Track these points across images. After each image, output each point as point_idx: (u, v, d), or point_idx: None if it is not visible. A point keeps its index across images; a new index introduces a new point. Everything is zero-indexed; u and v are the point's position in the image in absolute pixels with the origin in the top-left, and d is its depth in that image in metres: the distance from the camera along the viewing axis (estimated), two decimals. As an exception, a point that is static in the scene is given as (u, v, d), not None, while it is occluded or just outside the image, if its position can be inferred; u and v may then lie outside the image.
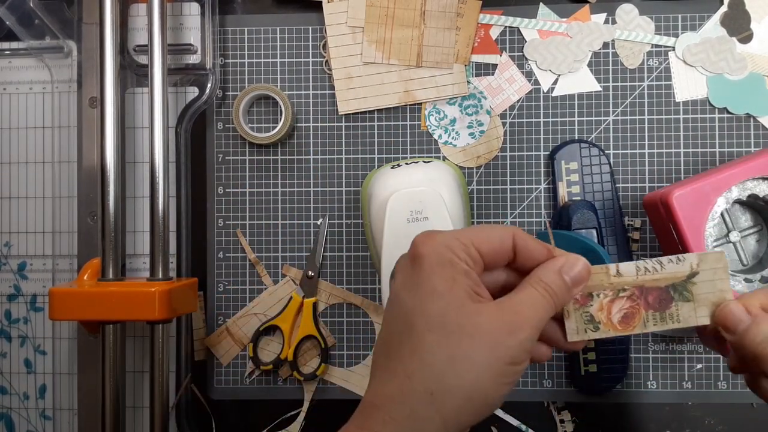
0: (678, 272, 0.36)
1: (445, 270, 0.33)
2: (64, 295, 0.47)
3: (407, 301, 0.33)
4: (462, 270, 0.33)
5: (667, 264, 0.36)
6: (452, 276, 0.33)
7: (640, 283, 0.36)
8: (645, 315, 0.36)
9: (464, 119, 0.53)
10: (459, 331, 0.32)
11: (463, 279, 0.33)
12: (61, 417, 0.54)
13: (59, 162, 0.54)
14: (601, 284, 0.36)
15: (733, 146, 0.52)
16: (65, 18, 0.54)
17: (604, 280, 0.36)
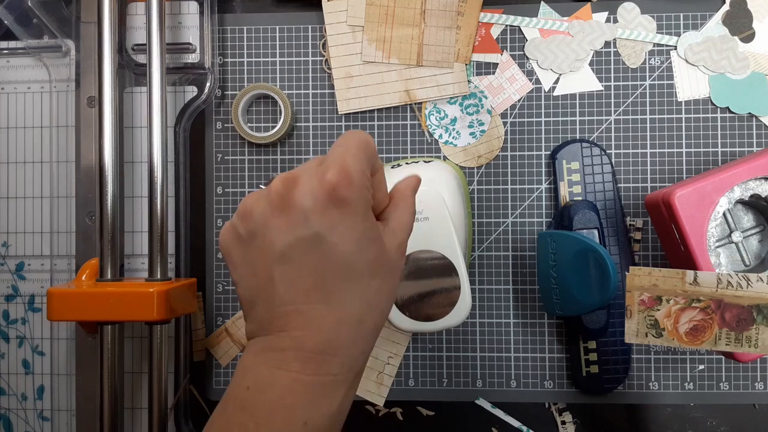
0: (765, 293, 0.33)
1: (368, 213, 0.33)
2: (62, 295, 0.47)
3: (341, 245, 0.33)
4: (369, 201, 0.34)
5: (756, 283, 0.33)
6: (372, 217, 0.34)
7: (719, 296, 0.33)
8: (718, 332, 0.33)
9: (465, 119, 0.53)
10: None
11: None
12: (59, 418, 0.54)
13: (57, 161, 0.54)
14: (674, 289, 0.33)
15: (735, 146, 0.52)
16: (63, 17, 0.53)
17: (677, 286, 0.33)
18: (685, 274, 0.33)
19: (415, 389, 0.53)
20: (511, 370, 0.53)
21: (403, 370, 0.53)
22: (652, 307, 0.34)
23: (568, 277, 0.47)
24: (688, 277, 0.33)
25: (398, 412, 0.53)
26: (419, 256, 0.44)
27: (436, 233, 0.44)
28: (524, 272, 0.53)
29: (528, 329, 0.53)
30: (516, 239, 0.53)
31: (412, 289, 0.44)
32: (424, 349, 0.53)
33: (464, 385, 0.53)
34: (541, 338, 0.53)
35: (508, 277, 0.53)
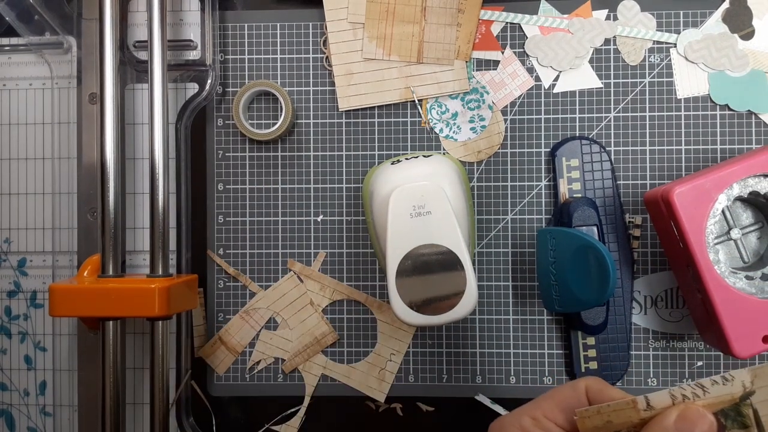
0: (727, 395, 0.29)
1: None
2: (64, 291, 0.47)
3: None
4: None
5: (711, 387, 0.29)
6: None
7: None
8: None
9: (466, 114, 0.53)
10: None
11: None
12: (61, 413, 0.54)
13: (59, 158, 0.54)
14: (630, 420, 0.29)
15: (735, 143, 0.52)
16: (65, 14, 0.54)
17: (632, 416, 0.29)
18: (636, 402, 0.30)
19: (415, 385, 0.53)
20: (510, 366, 0.53)
21: (404, 366, 0.53)
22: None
23: (567, 273, 0.47)
24: (640, 403, 0.30)
25: (398, 408, 0.53)
26: (424, 251, 0.44)
27: (440, 227, 0.44)
28: (524, 269, 0.53)
29: (527, 326, 0.53)
30: (516, 236, 0.53)
31: (418, 284, 0.44)
32: (424, 345, 0.53)
33: (464, 381, 0.53)
34: (541, 335, 0.53)
35: (507, 273, 0.53)
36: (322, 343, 0.53)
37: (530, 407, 0.31)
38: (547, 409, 0.31)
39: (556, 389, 0.32)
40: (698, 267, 0.43)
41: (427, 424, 0.53)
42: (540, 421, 0.31)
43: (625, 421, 0.29)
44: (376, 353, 0.53)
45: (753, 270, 0.45)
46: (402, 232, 0.44)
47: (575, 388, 0.31)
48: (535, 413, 0.31)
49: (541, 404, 0.31)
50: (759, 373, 0.29)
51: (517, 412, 0.31)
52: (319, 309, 0.54)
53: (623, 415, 0.30)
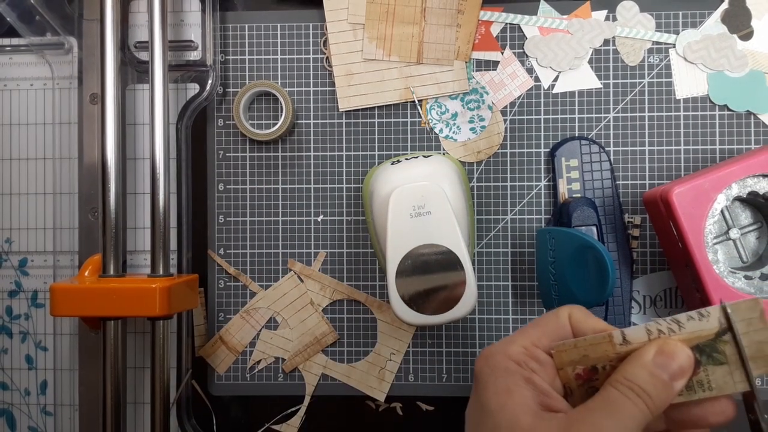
0: (702, 330, 0.29)
1: (498, 382, 0.28)
2: (65, 291, 0.47)
3: (469, 425, 0.30)
4: (521, 378, 0.28)
5: (687, 322, 0.29)
6: (506, 387, 0.28)
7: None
8: None
9: (466, 114, 0.53)
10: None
11: (522, 390, 0.28)
12: (62, 413, 0.54)
13: (60, 158, 0.55)
14: (606, 354, 0.30)
15: (734, 143, 0.52)
16: (66, 14, 0.54)
17: (608, 350, 0.30)
18: (612, 336, 0.30)
19: (415, 384, 0.53)
20: (510, 366, 0.53)
21: (403, 365, 0.53)
22: (589, 379, 0.30)
23: (566, 273, 0.47)
24: (616, 338, 0.30)
25: (398, 407, 0.53)
26: (423, 251, 0.44)
27: (440, 227, 0.44)
28: (523, 269, 0.53)
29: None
30: (515, 236, 0.53)
31: (418, 283, 0.44)
32: (423, 344, 0.54)
33: (464, 381, 0.53)
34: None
35: (507, 273, 0.53)
36: (322, 342, 0.54)
37: (518, 336, 0.31)
38: (534, 337, 0.30)
39: (541, 318, 0.32)
40: (697, 267, 0.43)
41: (427, 424, 0.53)
42: (528, 348, 0.30)
43: (602, 356, 0.30)
44: (376, 353, 0.53)
45: (752, 270, 0.45)
46: (402, 232, 0.44)
47: (558, 316, 0.31)
48: (524, 341, 0.30)
49: (528, 332, 0.31)
50: (734, 308, 0.29)
51: (505, 341, 0.31)
52: (319, 309, 0.54)
53: (599, 349, 0.30)
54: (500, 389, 0.28)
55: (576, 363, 0.30)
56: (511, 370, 0.29)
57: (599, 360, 0.30)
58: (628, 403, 0.26)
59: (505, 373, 0.28)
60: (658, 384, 0.27)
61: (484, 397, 0.28)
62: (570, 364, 0.31)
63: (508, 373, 0.28)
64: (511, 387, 0.28)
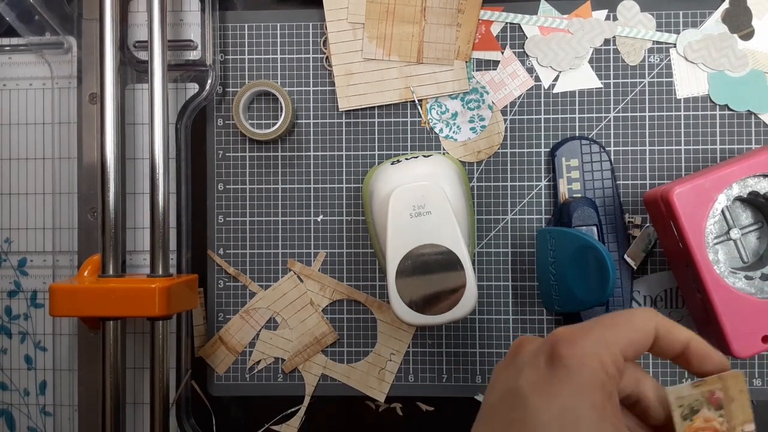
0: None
1: (596, 395, 0.27)
2: (65, 291, 0.47)
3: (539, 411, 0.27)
4: (610, 394, 0.27)
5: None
6: (602, 404, 0.27)
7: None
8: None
9: (466, 113, 0.53)
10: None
11: (611, 407, 0.27)
12: (61, 413, 0.54)
13: (59, 158, 0.54)
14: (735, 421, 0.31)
15: (734, 143, 0.52)
16: (65, 14, 0.54)
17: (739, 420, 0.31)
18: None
19: (414, 385, 0.53)
20: (510, 366, 0.53)
21: (403, 365, 0.53)
22: (715, 405, 0.31)
23: (567, 273, 0.47)
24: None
25: (398, 408, 0.53)
26: (424, 251, 0.44)
27: (440, 227, 0.44)
28: (523, 269, 0.53)
29: (527, 325, 0.53)
30: (515, 236, 0.53)
31: (418, 284, 0.44)
32: (423, 345, 0.53)
33: (464, 381, 0.53)
34: (541, 334, 0.53)
35: (507, 273, 0.53)
36: (322, 343, 0.53)
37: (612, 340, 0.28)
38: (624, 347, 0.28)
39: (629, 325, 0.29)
40: (698, 267, 0.43)
41: (427, 424, 0.53)
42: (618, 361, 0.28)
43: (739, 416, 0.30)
44: (376, 353, 0.53)
45: (752, 270, 0.45)
46: (402, 232, 0.44)
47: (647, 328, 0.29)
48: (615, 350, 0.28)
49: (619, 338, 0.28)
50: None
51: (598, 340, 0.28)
52: (319, 309, 0.54)
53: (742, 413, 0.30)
54: (597, 404, 0.27)
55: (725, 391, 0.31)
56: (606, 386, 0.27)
57: (732, 417, 0.30)
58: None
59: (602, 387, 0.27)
60: None
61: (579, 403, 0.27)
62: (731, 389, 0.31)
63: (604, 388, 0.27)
64: (605, 405, 0.27)
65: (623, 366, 0.28)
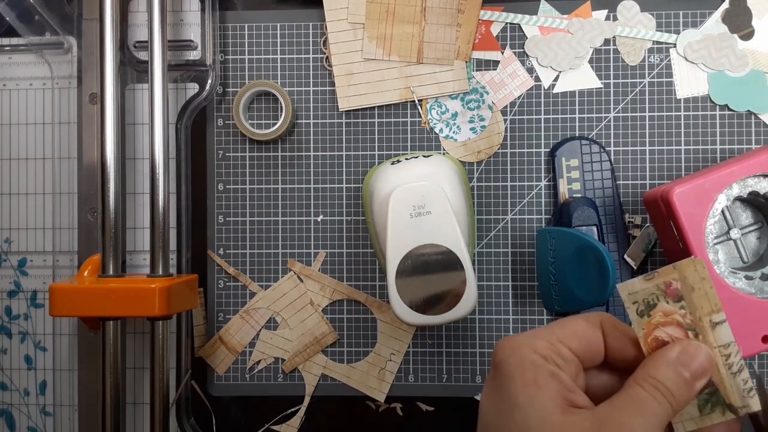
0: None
1: (526, 374, 0.28)
2: (65, 291, 0.47)
3: (488, 415, 0.29)
4: (547, 372, 0.28)
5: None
6: (534, 380, 0.28)
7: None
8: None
9: (466, 114, 0.53)
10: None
11: (548, 383, 0.28)
12: (61, 413, 0.54)
13: (59, 158, 0.54)
14: (699, 310, 0.29)
15: (734, 143, 0.52)
16: (65, 14, 0.54)
17: (703, 309, 0.29)
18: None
19: (415, 385, 0.53)
20: (510, 366, 0.53)
21: (403, 365, 0.53)
22: (673, 297, 0.29)
23: (567, 273, 0.47)
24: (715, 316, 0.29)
25: (398, 408, 0.53)
26: (424, 251, 0.44)
27: (440, 227, 0.44)
28: (523, 269, 0.53)
29: (527, 326, 0.53)
30: (515, 236, 0.53)
31: (418, 284, 0.44)
32: (423, 345, 0.53)
33: (464, 381, 0.53)
34: (541, 334, 0.53)
35: (507, 273, 0.53)
36: (322, 343, 0.53)
37: (543, 332, 0.30)
38: (561, 335, 0.30)
39: (568, 320, 0.31)
40: (698, 267, 0.43)
41: (427, 424, 0.53)
42: (554, 344, 0.29)
43: (698, 305, 0.29)
44: (376, 353, 0.53)
45: (752, 270, 0.45)
46: (402, 232, 0.44)
47: (589, 320, 0.30)
48: (550, 337, 0.29)
49: (554, 330, 0.30)
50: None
51: (529, 335, 0.30)
52: (319, 309, 0.54)
53: (702, 302, 0.29)
54: (528, 381, 0.28)
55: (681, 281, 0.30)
56: (538, 364, 0.28)
57: (693, 306, 0.29)
58: (653, 401, 0.27)
59: (532, 365, 0.28)
60: (681, 383, 0.28)
61: (510, 388, 0.28)
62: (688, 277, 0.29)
63: (535, 366, 0.28)
64: (539, 380, 0.28)
65: (566, 350, 0.29)
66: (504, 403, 0.28)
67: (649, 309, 0.30)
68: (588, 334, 0.30)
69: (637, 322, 0.30)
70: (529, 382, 0.28)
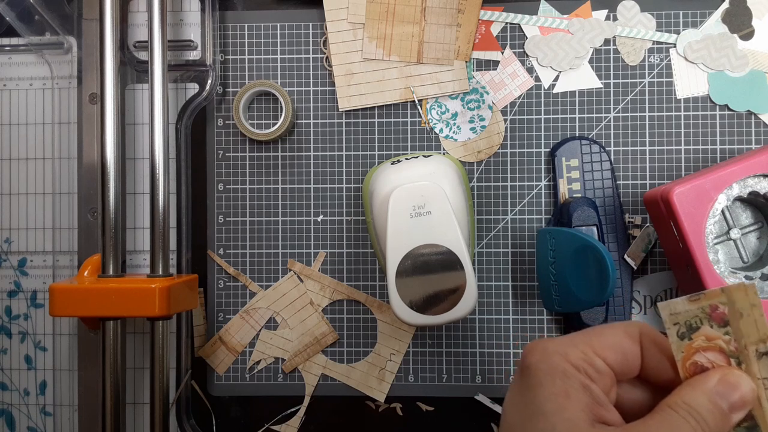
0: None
1: (556, 383, 0.27)
2: (65, 291, 0.47)
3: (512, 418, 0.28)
4: (578, 383, 0.27)
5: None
6: (564, 390, 0.27)
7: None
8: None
9: (466, 114, 0.53)
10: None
11: (579, 395, 0.27)
12: (61, 413, 0.54)
13: (59, 158, 0.54)
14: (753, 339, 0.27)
15: (734, 143, 0.52)
16: (65, 14, 0.54)
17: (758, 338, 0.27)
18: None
19: (415, 385, 0.53)
20: (510, 366, 0.53)
21: (403, 365, 0.53)
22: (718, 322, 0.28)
23: (567, 273, 0.47)
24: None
25: (398, 408, 0.53)
26: (424, 251, 0.44)
27: (440, 227, 0.44)
28: (523, 269, 0.53)
29: (527, 325, 0.53)
30: (515, 236, 0.53)
31: (418, 284, 0.44)
32: (424, 345, 0.53)
33: (464, 381, 0.53)
34: (540, 334, 0.53)
35: (507, 273, 0.53)
36: (322, 343, 0.53)
37: (578, 340, 0.28)
38: (596, 346, 0.28)
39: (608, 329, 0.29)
40: (698, 267, 0.43)
41: (427, 424, 0.53)
42: (588, 355, 0.28)
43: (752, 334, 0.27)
44: (376, 353, 0.53)
45: (752, 270, 0.45)
46: (402, 232, 0.44)
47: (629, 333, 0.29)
48: (585, 347, 0.28)
49: (590, 339, 0.28)
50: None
51: (562, 342, 0.28)
52: (319, 309, 0.54)
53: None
54: (558, 391, 0.27)
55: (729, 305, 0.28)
56: (570, 374, 0.27)
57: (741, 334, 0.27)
58: (686, 429, 0.26)
59: (564, 375, 0.27)
60: (717, 413, 0.27)
61: (538, 395, 0.27)
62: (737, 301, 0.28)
63: (566, 375, 0.27)
64: (569, 391, 0.27)
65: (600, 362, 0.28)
66: (529, 409, 0.27)
67: (690, 332, 0.28)
68: (625, 347, 0.29)
69: (676, 345, 0.28)
70: (559, 392, 0.27)
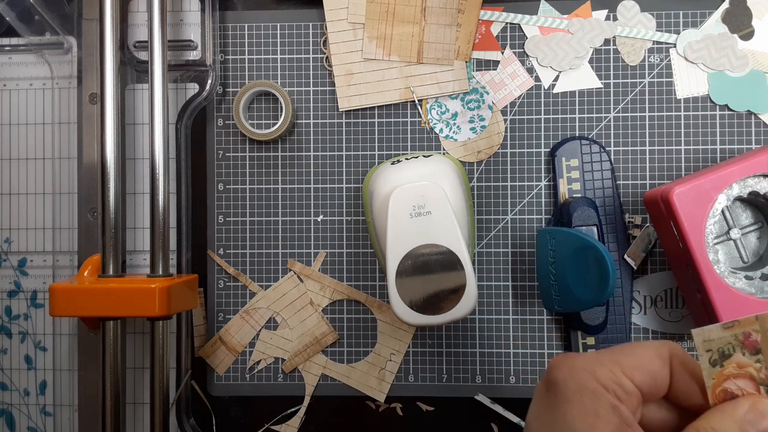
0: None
1: (586, 401, 0.27)
2: (65, 291, 0.47)
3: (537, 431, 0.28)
4: (608, 404, 0.27)
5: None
6: (594, 411, 0.27)
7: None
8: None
9: (466, 114, 0.53)
10: None
11: (608, 415, 0.27)
12: (61, 413, 0.54)
13: (59, 158, 0.54)
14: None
15: (734, 143, 0.52)
16: (65, 14, 0.54)
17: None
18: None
19: (415, 385, 0.53)
20: (510, 366, 0.53)
21: (403, 365, 0.53)
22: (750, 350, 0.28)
23: (567, 273, 0.47)
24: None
25: (398, 408, 0.53)
26: (424, 251, 0.44)
27: (440, 227, 0.44)
28: (523, 269, 0.53)
29: (527, 325, 0.53)
30: (515, 236, 0.53)
31: (418, 284, 0.44)
32: (424, 344, 0.53)
33: (464, 381, 0.53)
34: (540, 334, 0.53)
35: (507, 273, 0.53)
36: (322, 343, 0.53)
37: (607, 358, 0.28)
38: (625, 366, 0.28)
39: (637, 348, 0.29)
40: (698, 267, 0.43)
41: (427, 424, 0.53)
42: (617, 376, 0.28)
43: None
44: (376, 353, 0.53)
45: (752, 270, 0.45)
46: (402, 232, 0.44)
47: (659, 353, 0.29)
48: (614, 367, 0.28)
49: (619, 359, 0.28)
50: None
51: (591, 358, 0.28)
52: (319, 309, 0.54)
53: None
54: (588, 410, 0.27)
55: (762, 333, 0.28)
56: (599, 393, 0.27)
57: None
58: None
59: (593, 394, 0.27)
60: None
61: (567, 412, 0.27)
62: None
63: (595, 395, 0.27)
64: (599, 411, 0.27)
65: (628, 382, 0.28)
66: (558, 426, 0.27)
67: (723, 359, 0.28)
68: (654, 369, 0.28)
69: (708, 371, 0.28)
70: (589, 411, 0.27)
